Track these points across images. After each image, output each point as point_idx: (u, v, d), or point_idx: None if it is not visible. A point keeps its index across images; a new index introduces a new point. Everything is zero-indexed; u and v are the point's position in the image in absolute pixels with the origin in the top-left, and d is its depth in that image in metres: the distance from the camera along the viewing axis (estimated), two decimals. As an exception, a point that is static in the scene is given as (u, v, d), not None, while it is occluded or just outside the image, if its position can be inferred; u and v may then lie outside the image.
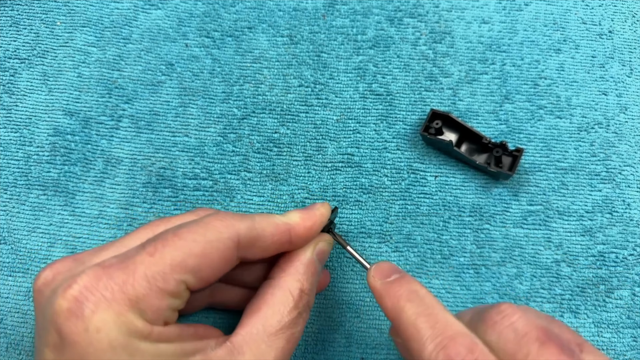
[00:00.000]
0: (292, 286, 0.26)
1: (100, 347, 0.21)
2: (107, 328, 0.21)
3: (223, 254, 0.24)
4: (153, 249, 0.23)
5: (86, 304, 0.21)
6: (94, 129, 0.37)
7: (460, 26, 0.39)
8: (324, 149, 0.36)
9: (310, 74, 0.38)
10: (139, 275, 0.22)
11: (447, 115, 0.35)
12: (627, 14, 0.40)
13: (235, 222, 0.25)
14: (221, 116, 0.37)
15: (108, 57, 0.39)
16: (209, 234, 0.24)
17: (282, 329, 0.25)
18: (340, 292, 0.33)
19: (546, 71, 0.38)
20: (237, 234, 0.25)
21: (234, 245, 0.25)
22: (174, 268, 0.23)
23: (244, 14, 0.40)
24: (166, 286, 0.22)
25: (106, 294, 0.22)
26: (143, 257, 0.23)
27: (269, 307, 0.26)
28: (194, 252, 0.23)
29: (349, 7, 0.40)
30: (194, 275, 0.23)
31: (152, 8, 0.40)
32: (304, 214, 0.28)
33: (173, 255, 0.23)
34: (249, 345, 0.24)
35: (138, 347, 0.22)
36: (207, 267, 0.24)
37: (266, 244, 0.26)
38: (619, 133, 0.36)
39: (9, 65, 0.39)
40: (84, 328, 0.21)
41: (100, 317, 0.21)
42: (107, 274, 0.22)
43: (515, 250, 0.34)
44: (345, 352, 0.32)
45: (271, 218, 0.27)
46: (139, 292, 0.22)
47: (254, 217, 0.26)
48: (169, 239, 0.23)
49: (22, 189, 0.36)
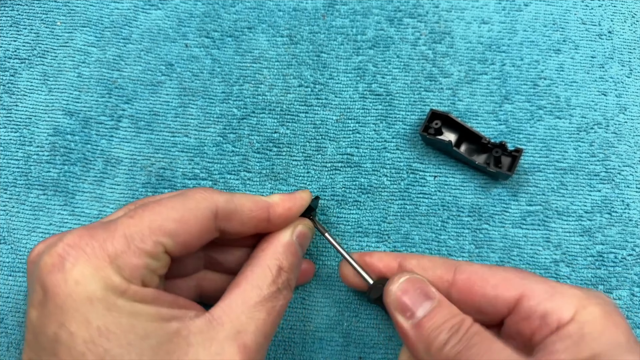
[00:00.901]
0: (270, 263, 0.27)
1: (79, 298, 0.22)
2: (86, 281, 0.22)
3: (201, 222, 0.26)
4: (134, 212, 0.25)
5: (67, 259, 0.22)
6: (93, 129, 0.37)
7: (460, 26, 0.39)
8: (324, 149, 0.37)
9: (310, 74, 0.38)
10: (119, 234, 0.23)
11: (447, 116, 0.35)
12: (627, 14, 0.40)
13: (214, 194, 0.27)
14: (221, 116, 0.37)
15: (108, 57, 0.39)
16: (187, 203, 0.26)
17: (262, 301, 0.25)
18: (339, 291, 0.33)
19: (546, 71, 0.38)
20: (215, 205, 0.26)
21: (212, 215, 0.26)
22: (152, 230, 0.24)
23: (243, 14, 0.40)
24: (144, 246, 0.23)
25: (87, 250, 0.23)
26: (123, 220, 0.24)
27: (248, 282, 0.26)
28: (172, 217, 0.25)
29: (349, 7, 0.40)
30: (171, 238, 0.24)
31: (152, 8, 0.40)
32: (284, 195, 0.30)
33: (152, 219, 0.24)
34: (228, 316, 0.25)
35: (115, 302, 0.22)
36: (185, 233, 0.25)
37: (244, 219, 0.28)
38: (618, 133, 0.36)
39: (9, 65, 0.39)
40: (64, 280, 0.22)
41: (79, 270, 0.22)
42: (90, 233, 0.23)
43: (514, 250, 0.34)
44: (343, 352, 0.32)
45: (250, 195, 0.29)
46: (117, 249, 0.23)
47: (235, 194, 0.28)
48: (149, 205, 0.25)
49: (22, 189, 0.36)
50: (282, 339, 0.32)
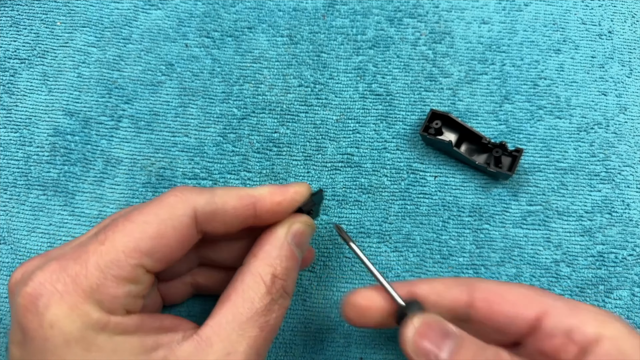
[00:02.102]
0: (263, 271, 0.24)
1: (55, 342, 0.21)
2: (61, 323, 0.21)
3: (179, 232, 0.23)
4: (104, 236, 0.22)
5: (40, 300, 0.21)
6: (93, 129, 0.37)
7: (460, 26, 0.39)
8: (324, 148, 0.37)
9: (310, 74, 0.38)
10: (92, 266, 0.22)
11: (447, 116, 0.35)
12: (627, 14, 0.40)
13: (191, 196, 0.24)
14: (221, 116, 0.37)
15: (108, 57, 0.39)
16: (162, 213, 0.23)
17: (254, 316, 0.23)
18: (340, 291, 0.33)
19: (546, 71, 0.38)
20: (193, 209, 0.24)
21: (191, 222, 0.24)
22: (127, 254, 0.22)
23: (244, 14, 0.40)
24: (121, 273, 0.22)
25: (59, 287, 0.21)
26: (95, 247, 0.22)
27: (238, 294, 0.24)
28: (146, 235, 0.22)
29: (349, 7, 0.40)
30: (150, 257, 0.23)
31: (152, 8, 0.40)
32: (274, 187, 0.26)
33: (124, 241, 0.22)
34: (218, 336, 0.23)
35: (94, 341, 0.21)
36: (164, 247, 0.23)
37: (228, 218, 0.25)
38: (618, 133, 0.36)
39: (9, 65, 0.39)
40: (39, 324, 0.21)
41: (53, 311, 0.21)
42: (61, 266, 0.22)
43: (514, 250, 0.34)
44: (344, 352, 0.32)
45: (234, 190, 0.26)
46: (92, 282, 0.21)
47: (215, 190, 0.25)
48: (119, 224, 0.23)
49: (21, 189, 0.36)
50: (283, 340, 0.32)
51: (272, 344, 0.32)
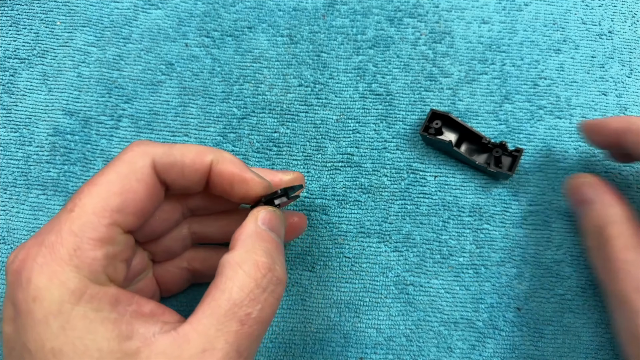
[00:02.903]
0: (240, 258, 0.23)
1: (37, 317, 0.21)
2: (41, 295, 0.21)
3: (143, 183, 0.24)
4: (72, 204, 0.23)
5: (22, 274, 0.21)
6: (93, 128, 0.37)
7: (460, 26, 0.39)
8: (324, 148, 0.36)
9: (310, 73, 0.38)
10: (66, 232, 0.22)
11: (447, 116, 0.35)
12: (627, 14, 0.40)
13: (148, 148, 0.25)
14: (221, 116, 0.37)
15: (108, 57, 0.39)
16: (122, 169, 0.24)
17: (233, 307, 0.22)
18: (339, 291, 0.33)
19: (546, 71, 0.38)
20: (151, 160, 0.24)
21: (152, 172, 0.24)
22: (98, 214, 0.22)
23: (244, 14, 0.40)
24: (96, 234, 0.22)
25: (38, 260, 0.21)
26: (66, 215, 0.22)
27: (217, 287, 0.22)
28: (112, 192, 0.23)
29: (349, 7, 0.40)
30: (121, 213, 0.23)
31: (152, 8, 0.40)
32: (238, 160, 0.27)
33: (92, 203, 0.23)
34: (196, 331, 0.21)
35: (69, 318, 0.21)
36: (132, 201, 0.24)
37: (187, 170, 0.25)
38: (618, 133, 0.36)
39: (9, 65, 0.39)
40: (24, 298, 0.21)
41: (34, 284, 0.21)
42: (38, 241, 0.22)
43: (515, 250, 0.34)
44: (344, 352, 0.32)
45: (193, 146, 0.26)
46: (69, 248, 0.22)
47: (174, 145, 0.26)
48: (84, 190, 0.23)
49: (21, 189, 0.36)
50: (282, 340, 0.32)
51: (272, 344, 0.32)
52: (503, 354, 0.32)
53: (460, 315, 0.33)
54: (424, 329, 0.33)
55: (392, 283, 0.34)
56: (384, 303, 0.33)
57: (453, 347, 0.32)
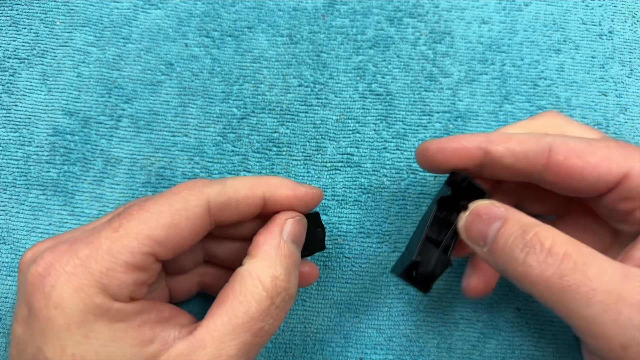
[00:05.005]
0: (262, 273, 0.24)
1: (57, 323, 0.21)
2: (64, 304, 0.21)
3: (193, 222, 0.24)
4: (118, 223, 0.23)
5: (47, 279, 0.21)
6: (93, 128, 0.37)
7: (460, 26, 0.39)
8: (324, 148, 0.36)
9: (310, 73, 0.38)
10: (103, 250, 0.22)
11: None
12: (627, 14, 0.40)
13: (204, 188, 0.24)
14: (221, 116, 0.37)
15: (107, 57, 0.39)
16: (176, 203, 0.23)
17: (249, 322, 0.23)
18: (339, 292, 0.33)
19: (546, 72, 0.38)
20: (206, 199, 0.24)
21: (204, 212, 0.24)
22: (140, 241, 0.22)
23: (243, 14, 0.40)
24: (132, 259, 0.22)
25: (67, 269, 0.21)
26: (108, 233, 0.22)
27: (235, 297, 0.23)
28: (160, 223, 0.23)
29: (349, 7, 0.40)
30: (162, 246, 0.23)
31: (151, 8, 0.40)
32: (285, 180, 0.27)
33: (139, 229, 0.22)
34: (212, 337, 0.23)
35: (93, 327, 0.21)
36: (177, 237, 0.23)
37: (241, 208, 0.25)
38: (618, 134, 0.36)
39: (9, 65, 0.39)
40: (45, 303, 0.21)
41: (58, 291, 0.21)
42: (72, 249, 0.22)
43: (514, 250, 0.34)
44: (344, 353, 0.32)
45: (244, 179, 0.26)
46: (102, 266, 0.22)
47: (225, 180, 0.25)
48: (134, 213, 0.23)
49: (21, 189, 0.36)
50: (282, 341, 0.32)
51: (272, 344, 0.32)
52: (503, 354, 0.32)
53: (460, 315, 0.33)
54: (424, 329, 0.33)
55: (392, 283, 0.34)
56: (384, 303, 0.33)
57: (453, 347, 0.32)
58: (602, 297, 0.20)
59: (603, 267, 0.21)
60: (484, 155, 0.25)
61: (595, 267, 0.21)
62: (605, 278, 0.20)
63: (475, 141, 0.26)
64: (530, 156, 0.25)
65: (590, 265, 0.21)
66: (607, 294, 0.20)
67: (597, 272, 0.20)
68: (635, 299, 0.20)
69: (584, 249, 0.21)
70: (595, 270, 0.20)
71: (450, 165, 0.26)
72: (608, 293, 0.20)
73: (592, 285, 0.20)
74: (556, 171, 0.24)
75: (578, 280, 0.20)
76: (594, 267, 0.21)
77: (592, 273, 0.20)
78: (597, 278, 0.20)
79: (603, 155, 0.24)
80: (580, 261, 0.21)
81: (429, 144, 0.27)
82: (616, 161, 0.24)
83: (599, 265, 0.21)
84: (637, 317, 0.19)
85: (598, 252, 0.21)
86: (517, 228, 0.23)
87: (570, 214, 0.29)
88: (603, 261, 0.21)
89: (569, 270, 0.21)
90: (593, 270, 0.20)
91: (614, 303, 0.20)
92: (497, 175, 0.27)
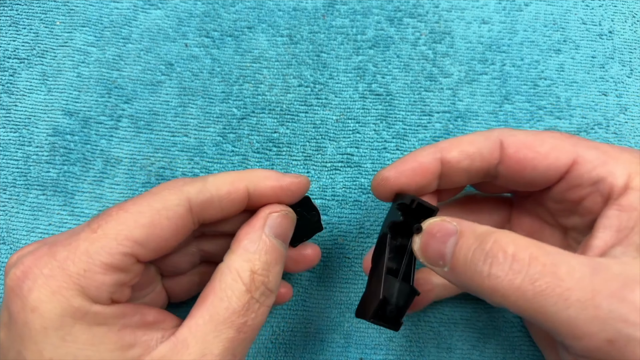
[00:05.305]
0: (240, 267, 0.24)
1: (34, 327, 0.21)
2: (41, 307, 0.21)
3: (174, 222, 0.23)
4: (96, 225, 0.22)
5: (25, 282, 0.21)
6: (93, 128, 0.37)
7: (460, 26, 0.39)
8: (324, 148, 0.36)
9: (309, 73, 0.38)
10: (80, 251, 0.21)
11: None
12: (627, 14, 0.40)
13: (184, 187, 0.24)
14: (220, 116, 0.37)
15: (107, 57, 0.39)
16: (155, 203, 0.23)
17: (231, 317, 0.23)
18: (339, 292, 0.33)
19: (546, 72, 0.38)
20: (186, 198, 0.24)
21: (185, 212, 0.24)
22: (119, 241, 0.22)
23: (243, 14, 0.40)
24: (110, 260, 0.22)
25: (45, 271, 0.21)
26: (87, 234, 0.22)
27: (215, 293, 0.23)
28: (139, 223, 0.22)
29: (349, 7, 0.40)
30: (142, 246, 0.22)
31: (151, 8, 0.40)
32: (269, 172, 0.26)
33: (117, 229, 0.22)
34: (194, 337, 0.22)
35: (71, 331, 0.21)
36: (157, 237, 0.23)
37: (224, 203, 0.25)
38: (618, 134, 0.36)
39: (8, 65, 0.39)
40: (22, 307, 0.21)
41: (36, 295, 0.21)
42: (51, 252, 0.22)
43: (514, 250, 0.34)
44: (344, 353, 0.32)
45: (225, 175, 0.25)
46: (79, 268, 0.21)
47: (207, 178, 0.25)
48: (112, 214, 0.23)
49: (21, 189, 0.35)
50: (282, 341, 0.32)
51: (273, 344, 0.32)
52: (503, 354, 0.32)
53: (460, 315, 0.33)
54: (424, 329, 0.33)
55: (392, 283, 0.33)
56: (384, 303, 0.33)
57: (453, 347, 0.32)
58: (578, 296, 0.19)
59: (572, 265, 0.20)
60: (441, 165, 0.26)
61: (565, 265, 0.20)
62: (576, 275, 0.19)
63: (429, 154, 0.26)
64: (485, 153, 0.25)
65: (560, 264, 0.20)
66: (582, 291, 0.19)
67: (567, 270, 0.20)
68: (610, 290, 0.19)
69: (548, 248, 0.21)
70: (565, 268, 0.20)
71: (413, 186, 0.26)
72: (582, 290, 0.19)
73: (566, 285, 0.19)
74: (509, 164, 0.25)
75: (550, 283, 0.19)
76: (564, 266, 0.20)
77: (562, 272, 0.20)
78: (569, 277, 0.19)
79: (552, 145, 0.24)
80: (549, 262, 0.20)
81: (385, 173, 0.27)
82: (564, 149, 0.24)
83: (568, 263, 0.20)
84: (617, 308, 0.18)
85: (562, 249, 0.21)
86: (474, 240, 0.22)
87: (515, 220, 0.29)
88: (570, 258, 0.20)
89: (538, 274, 0.20)
90: (563, 269, 0.20)
91: (590, 299, 0.19)
92: (455, 182, 0.27)
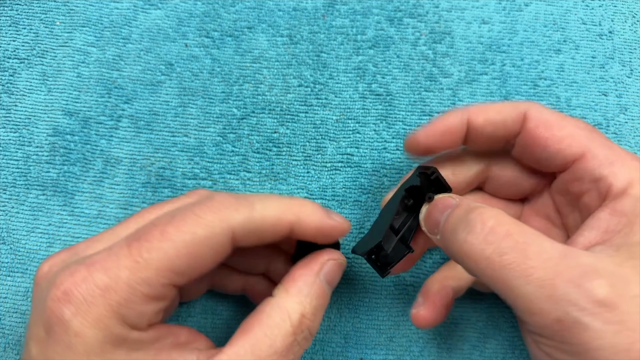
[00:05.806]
0: (291, 308, 0.24)
1: (78, 351, 0.21)
2: (84, 334, 0.21)
3: (215, 251, 0.23)
4: (137, 252, 0.22)
5: (67, 307, 0.21)
6: (93, 128, 0.37)
7: (460, 26, 0.39)
8: (324, 149, 0.36)
9: (310, 73, 0.38)
10: (122, 281, 0.21)
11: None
12: (627, 14, 0.40)
13: (230, 214, 0.23)
14: (220, 116, 0.37)
15: (107, 57, 0.39)
16: (199, 231, 0.22)
17: (272, 355, 0.23)
18: (339, 292, 0.33)
19: (546, 72, 0.38)
20: (231, 229, 0.23)
21: (228, 241, 0.23)
22: (160, 273, 0.22)
23: (243, 14, 0.40)
24: (151, 291, 0.22)
25: (88, 298, 0.21)
26: (128, 262, 0.22)
27: (261, 328, 0.23)
28: (182, 253, 0.22)
29: (349, 7, 0.40)
30: (182, 276, 0.22)
31: (151, 8, 0.40)
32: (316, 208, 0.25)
33: (159, 260, 0.22)
34: None
35: (111, 357, 0.21)
36: (197, 267, 0.23)
37: (266, 234, 0.24)
38: (618, 134, 0.36)
39: (8, 65, 0.39)
40: (64, 330, 0.21)
41: (79, 321, 0.21)
42: (91, 276, 0.22)
43: (514, 250, 0.34)
44: (344, 353, 0.32)
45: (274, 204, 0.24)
46: (121, 297, 0.21)
47: (254, 205, 0.24)
48: (154, 240, 0.22)
49: (21, 189, 0.35)
50: (282, 339, 0.32)
51: (272, 345, 0.32)
52: (503, 354, 0.32)
53: (460, 316, 0.33)
54: (424, 329, 0.33)
55: (392, 284, 0.33)
56: (384, 303, 0.33)
57: (453, 347, 0.32)
58: (539, 275, 0.20)
59: (544, 247, 0.21)
60: (467, 128, 0.27)
61: (536, 246, 0.21)
62: (544, 256, 0.20)
63: (457, 116, 0.27)
64: (509, 123, 0.26)
65: (531, 244, 0.21)
66: (545, 271, 0.20)
67: (537, 250, 0.21)
68: (571, 275, 0.20)
69: (527, 229, 0.22)
70: (535, 249, 0.21)
71: (440, 147, 0.27)
72: (545, 270, 0.20)
73: (531, 263, 0.20)
74: (525, 137, 0.26)
75: (517, 259, 0.20)
76: (535, 246, 0.21)
77: (531, 252, 0.21)
78: (537, 256, 0.20)
79: (569, 132, 0.25)
80: (521, 240, 0.21)
81: (416, 135, 0.28)
82: (578, 140, 0.25)
83: (540, 244, 0.21)
84: (572, 292, 0.19)
85: (542, 234, 0.22)
86: (464, 212, 0.23)
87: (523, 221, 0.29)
88: (544, 241, 0.21)
89: (509, 249, 0.21)
90: (533, 249, 0.21)
91: (550, 279, 0.20)
92: (476, 145, 0.28)
